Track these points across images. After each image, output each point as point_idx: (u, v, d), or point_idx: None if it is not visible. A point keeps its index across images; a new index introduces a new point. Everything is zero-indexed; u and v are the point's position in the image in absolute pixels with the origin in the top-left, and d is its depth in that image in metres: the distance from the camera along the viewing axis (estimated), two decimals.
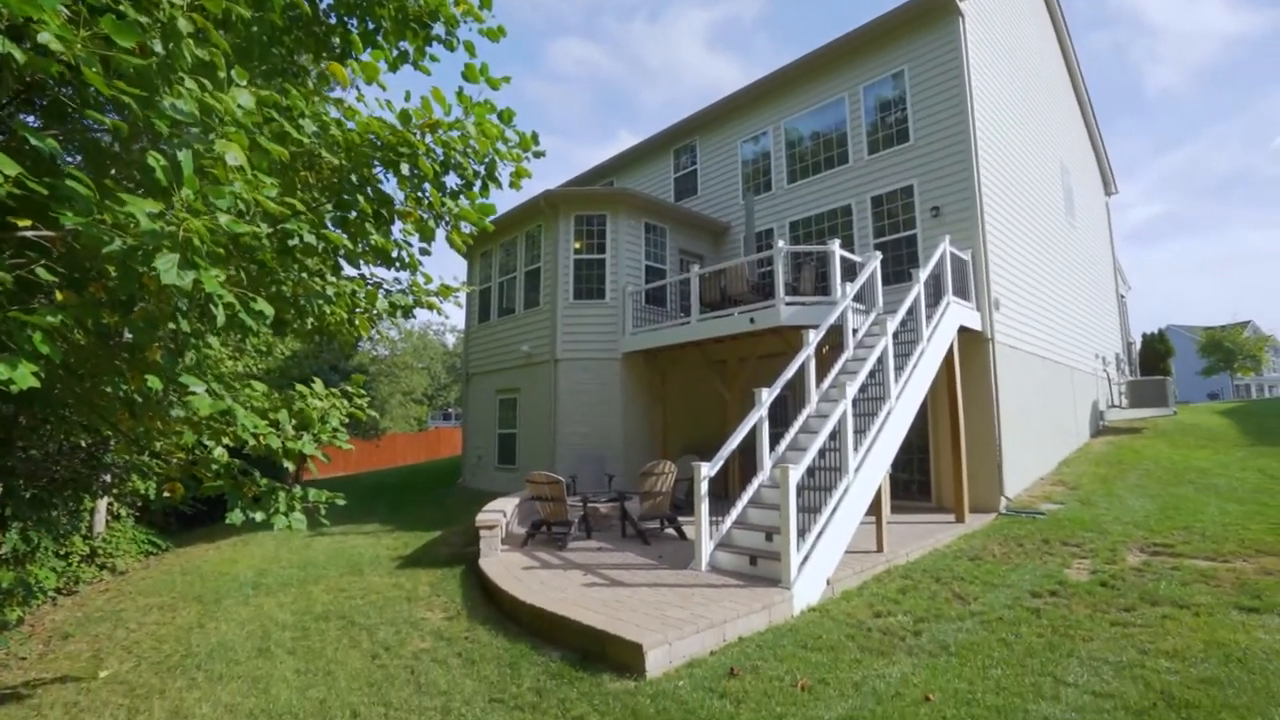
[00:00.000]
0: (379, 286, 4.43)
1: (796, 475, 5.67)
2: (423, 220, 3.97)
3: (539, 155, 4.20)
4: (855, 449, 6.58)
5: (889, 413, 7.10)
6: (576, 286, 11.73)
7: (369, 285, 4.36)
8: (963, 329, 8.99)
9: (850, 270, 9.51)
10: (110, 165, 3.54)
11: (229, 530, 11.27)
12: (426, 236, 4.06)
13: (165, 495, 4.25)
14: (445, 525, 10.05)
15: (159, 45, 2.52)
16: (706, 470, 6.28)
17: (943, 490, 9.55)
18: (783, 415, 9.70)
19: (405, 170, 3.68)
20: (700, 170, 14.18)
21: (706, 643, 4.59)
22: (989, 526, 8.13)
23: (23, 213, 2.72)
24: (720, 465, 6.41)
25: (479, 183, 4.11)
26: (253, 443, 3.58)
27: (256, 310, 2.85)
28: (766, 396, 6.90)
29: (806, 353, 7.48)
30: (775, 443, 7.26)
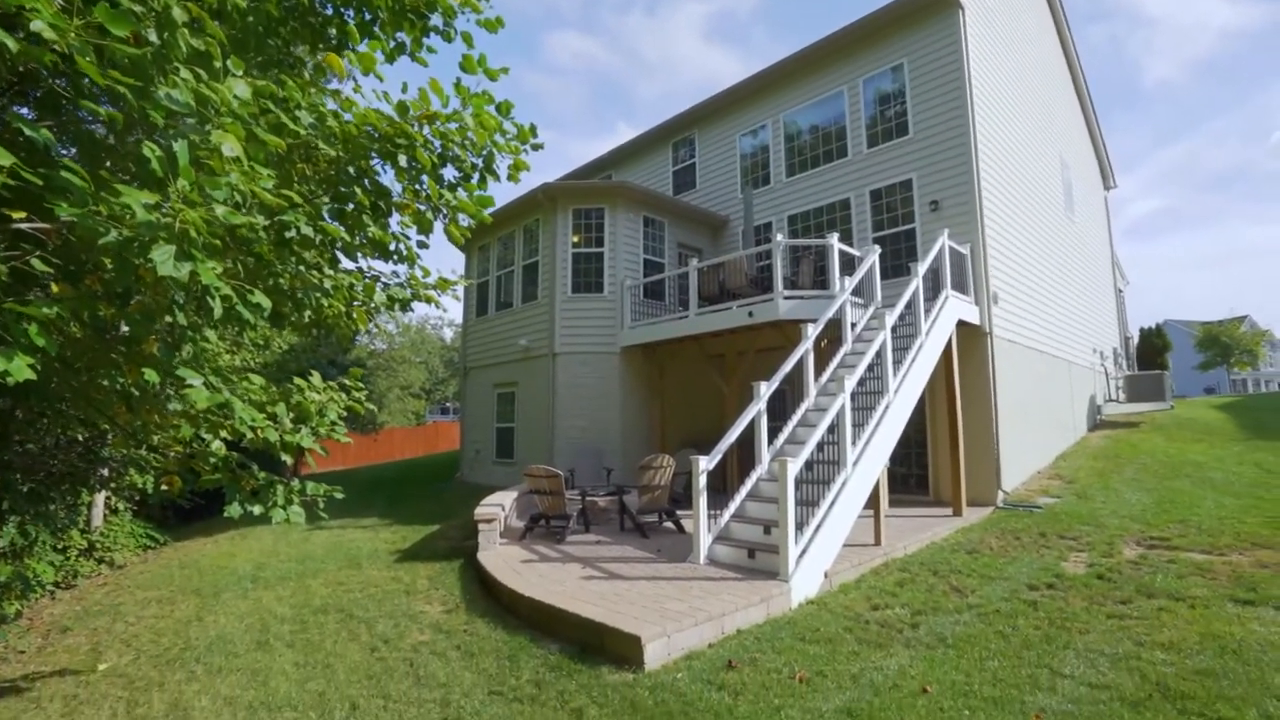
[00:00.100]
0: (377, 280, 4.41)
1: (795, 469, 5.68)
2: (420, 213, 3.95)
3: (537, 148, 4.18)
4: (853, 443, 6.59)
5: (887, 406, 7.10)
6: (574, 280, 11.71)
7: (367, 278, 4.33)
8: (961, 323, 8.99)
9: (849, 264, 9.50)
10: (105, 158, 3.51)
11: (227, 524, 11.27)
12: (424, 229, 4.04)
13: (163, 489, 4.24)
14: (443, 519, 10.06)
15: (153, 34, 2.49)
16: (705, 464, 6.28)
17: (940, 484, 9.57)
18: (781, 409, 9.71)
19: (403, 162, 3.66)
20: (699, 164, 14.14)
21: (705, 635, 4.61)
22: (986, 520, 8.16)
23: (17, 204, 2.70)
24: (718, 459, 6.41)
25: (477, 175, 4.09)
26: (250, 436, 3.56)
27: (254, 303, 2.83)
28: (765, 390, 6.90)
29: (805, 346, 7.48)
30: (773, 436, 7.27)
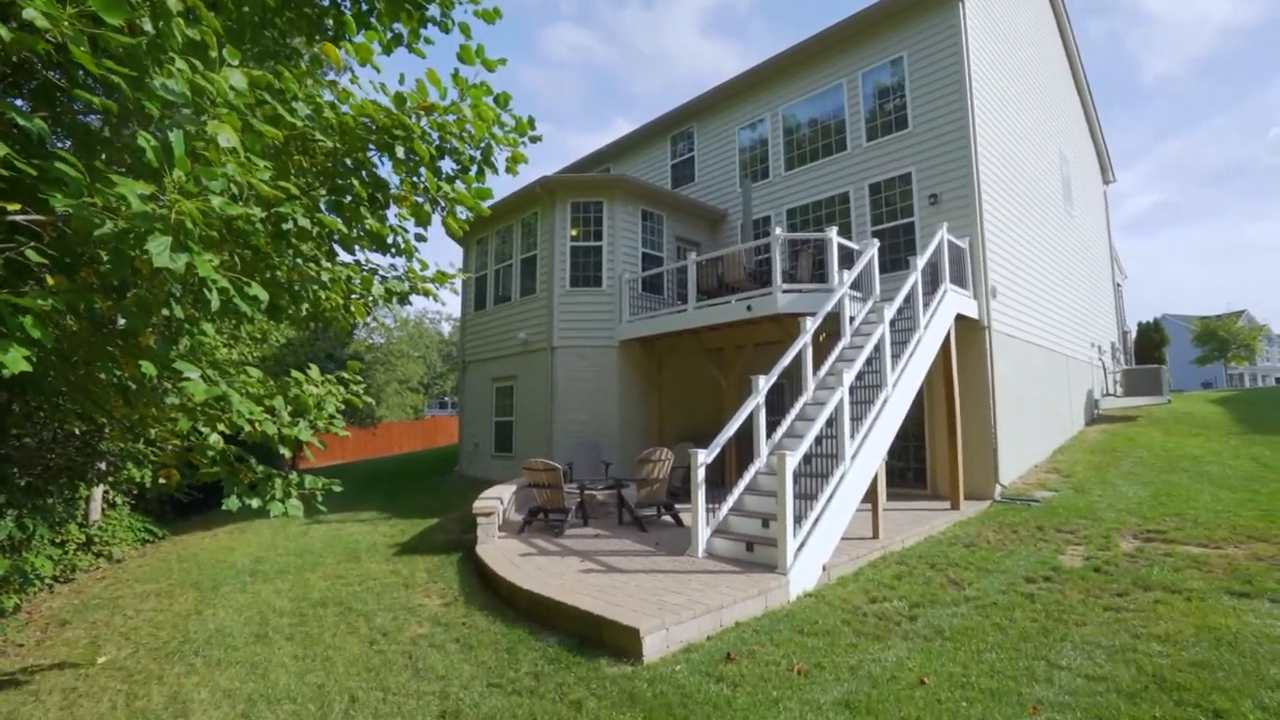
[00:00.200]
0: (374, 273, 4.39)
1: (793, 462, 5.68)
2: (418, 205, 3.93)
3: (535, 140, 4.16)
4: (852, 436, 6.60)
5: (885, 400, 7.11)
6: (573, 274, 11.69)
7: (364, 271, 4.32)
8: (960, 317, 8.99)
9: (848, 258, 9.49)
10: (101, 150, 3.49)
11: (226, 518, 11.28)
12: (422, 221, 4.02)
13: (161, 482, 4.24)
14: (442, 513, 10.07)
15: (148, 24, 2.47)
16: (703, 457, 6.29)
17: (938, 478, 9.59)
18: (780, 403, 9.73)
19: (400, 154, 3.64)
20: (698, 157, 14.09)
21: (703, 628, 4.62)
22: (984, 513, 8.18)
23: (12, 196, 2.68)
24: (717, 453, 6.41)
25: (475, 167, 4.06)
26: (248, 429, 3.56)
27: (251, 295, 2.82)
28: (763, 384, 6.90)
29: (804, 340, 7.48)
30: (772, 430, 7.27)
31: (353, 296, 4.28)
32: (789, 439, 7.09)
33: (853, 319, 8.46)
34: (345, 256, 4.28)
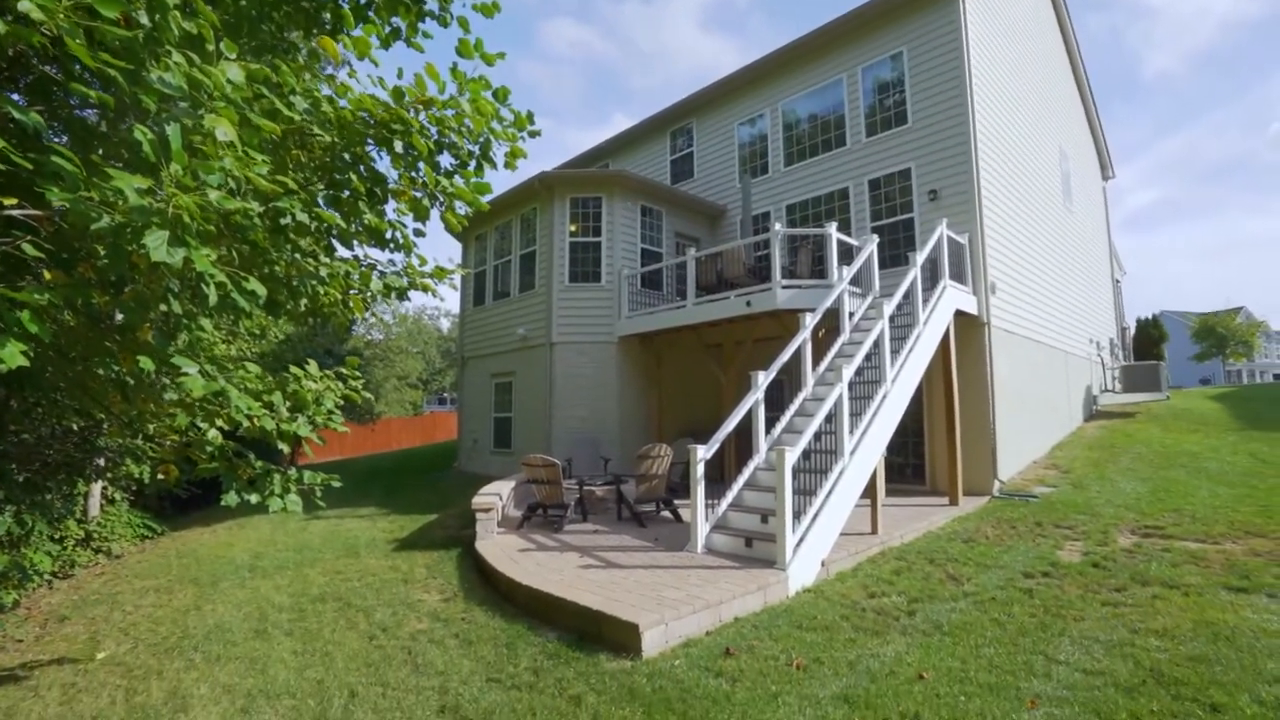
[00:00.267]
0: (373, 268, 4.38)
1: (792, 458, 5.68)
2: (417, 200, 3.91)
3: (534, 135, 4.14)
4: (851, 432, 6.60)
5: (885, 396, 7.11)
6: (572, 269, 11.67)
7: (363, 266, 4.31)
8: (959, 313, 8.99)
9: (847, 253, 9.48)
10: (97, 144, 3.47)
11: (224, 514, 11.28)
12: (421, 216, 4.01)
13: (159, 478, 4.23)
14: (441, 509, 10.08)
15: (144, 17, 2.45)
16: (702, 453, 6.29)
17: (937, 473, 9.60)
18: (779, 399, 9.73)
19: (399, 148, 3.63)
20: (697, 153, 14.06)
21: (702, 623, 4.63)
22: (982, 509, 8.19)
23: (9, 191, 2.67)
24: (716, 448, 6.41)
25: (474, 162, 4.05)
26: (247, 425, 3.56)
27: (249, 290, 2.81)
28: (763, 380, 6.89)
29: (803, 336, 7.47)
30: (771, 426, 7.27)
31: (351, 292, 4.27)
32: (788, 435, 7.09)
33: (852, 315, 8.45)
34: (344, 252, 4.28)
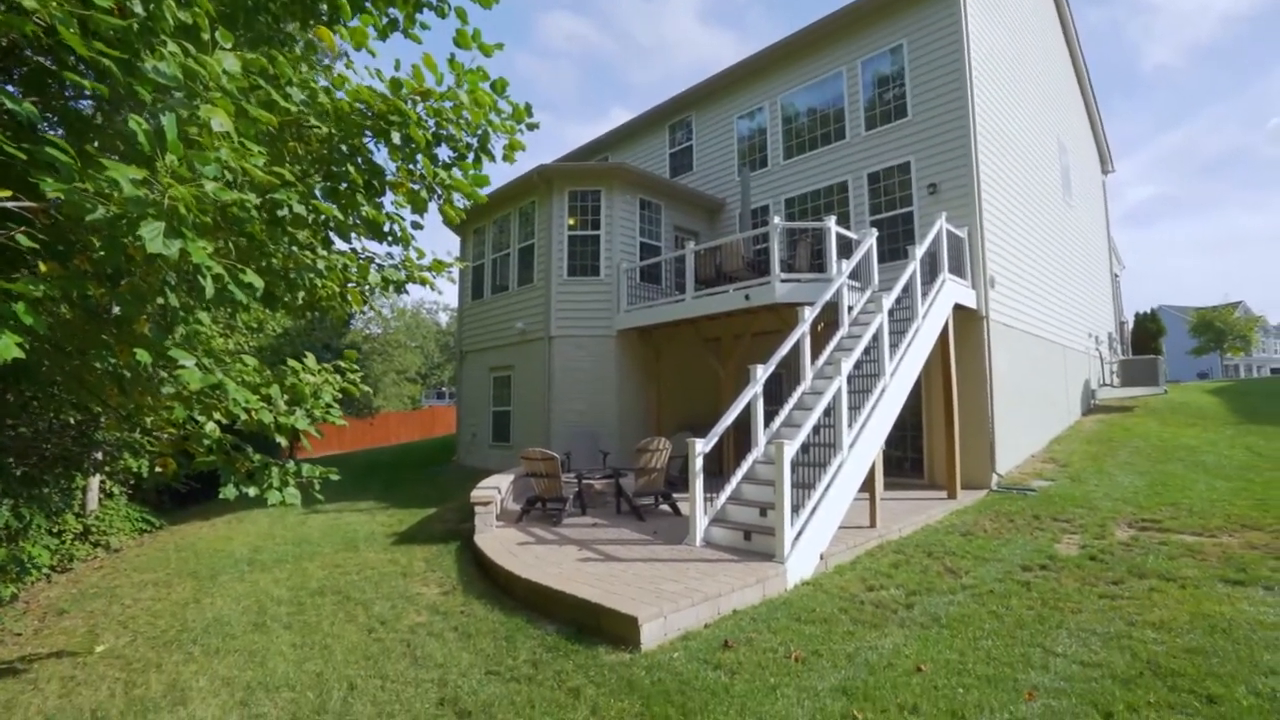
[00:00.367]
0: (371, 261, 4.36)
1: (791, 451, 5.68)
2: (415, 192, 3.89)
3: (533, 127, 4.12)
4: (849, 426, 6.60)
5: (883, 390, 7.11)
6: (571, 263, 11.64)
7: (361, 259, 4.29)
8: (958, 306, 8.98)
9: (846, 247, 9.46)
10: (92, 135, 3.45)
11: (223, 508, 11.27)
12: (419, 208, 3.98)
13: (158, 471, 4.21)
14: (440, 502, 10.08)
15: (139, 6, 2.43)
16: (701, 446, 6.29)
17: (935, 467, 9.62)
18: (778, 392, 9.72)
19: (396, 140, 3.60)
20: (696, 146, 14.01)
21: (701, 616, 4.64)
22: (981, 502, 8.21)
23: (3, 182, 2.65)
24: (715, 442, 6.41)
25: (472, 154, 4.02)
26: (245, 418, 3.54)
27: (246, 282, 2.79)
28: (761, 373, 6.89)
29: (802, 330, 7.46)
30: (770, 420, 7.27)
31: (349, 285, 4.25)
32: (787, 428, 7.09)
33: (851, 308, 8.44)
34: (341, 244, 4.25)
